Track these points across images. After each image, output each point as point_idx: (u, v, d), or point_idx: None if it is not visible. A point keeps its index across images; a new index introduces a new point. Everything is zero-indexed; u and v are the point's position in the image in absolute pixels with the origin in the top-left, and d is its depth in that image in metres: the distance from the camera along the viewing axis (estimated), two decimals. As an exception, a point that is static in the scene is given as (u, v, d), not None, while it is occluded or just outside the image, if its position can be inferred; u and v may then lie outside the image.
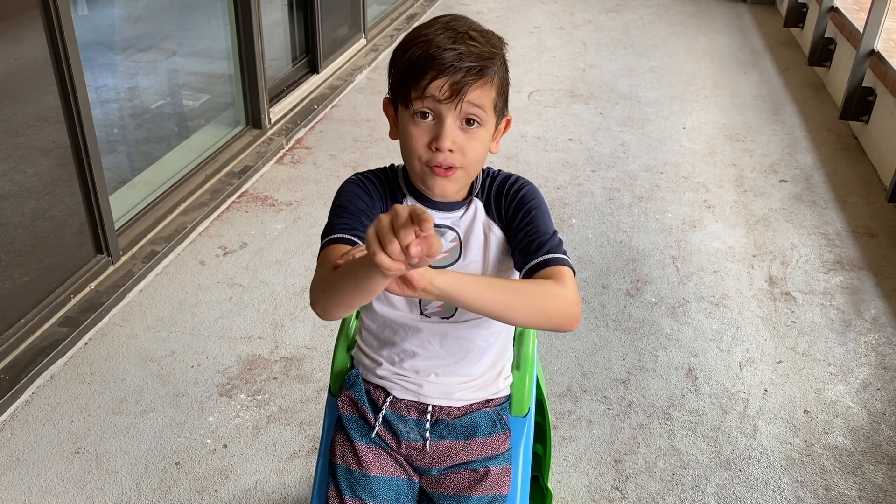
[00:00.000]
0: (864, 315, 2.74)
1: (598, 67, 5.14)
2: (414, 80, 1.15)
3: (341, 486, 1.36)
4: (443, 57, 1.13)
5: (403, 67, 1.17)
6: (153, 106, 3.66)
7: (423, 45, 1.15)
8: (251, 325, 2.60)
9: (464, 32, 1.16)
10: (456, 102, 1.15)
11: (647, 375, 2.43)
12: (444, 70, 1.13)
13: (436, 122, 1.17)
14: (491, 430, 1.37)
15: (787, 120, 4.36)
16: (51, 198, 2.48)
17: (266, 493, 2.01)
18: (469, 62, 1.14)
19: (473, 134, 1.18)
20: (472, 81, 1.14)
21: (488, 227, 1.28)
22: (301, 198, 3.40)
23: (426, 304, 1.29)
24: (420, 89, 1.15)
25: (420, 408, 1.35)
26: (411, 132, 1.19)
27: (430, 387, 1.34)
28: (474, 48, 1.15)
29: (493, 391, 1.39)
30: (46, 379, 2.34)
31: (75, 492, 1.99)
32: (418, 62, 1.15)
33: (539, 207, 1.27)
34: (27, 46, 2.34)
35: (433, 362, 1.33)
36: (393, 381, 1.35)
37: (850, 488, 2.07)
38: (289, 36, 4.42)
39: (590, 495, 2.02)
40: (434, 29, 1.17)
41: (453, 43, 1.14)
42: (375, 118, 4.25)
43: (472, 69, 1.14)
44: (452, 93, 1.14)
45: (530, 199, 1.27)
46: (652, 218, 3.33)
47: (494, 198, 1.29)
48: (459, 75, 1.13)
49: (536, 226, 1.25)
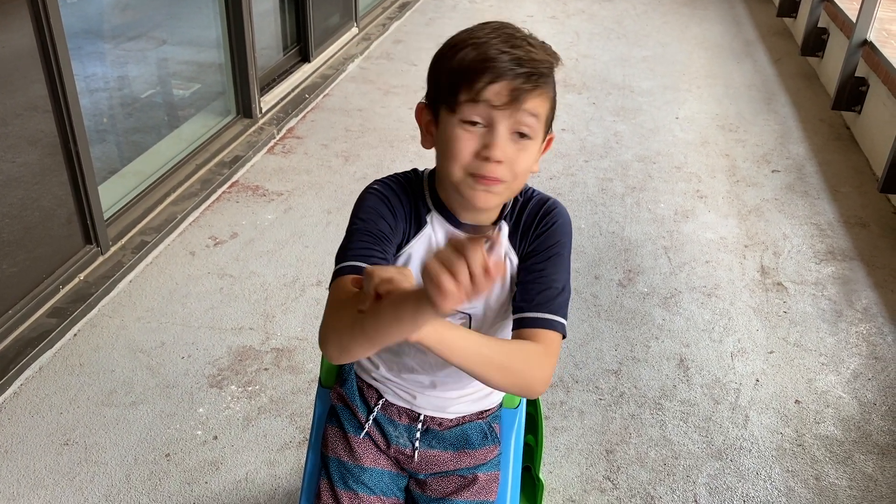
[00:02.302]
0: (856, 305, 2.74)
1: (591, 57, 5.12)
2: (467, 83, 1.06)
3: (333, 477, 1.35)
4: (502, 60, 1.05)
5: (454, 70, 1.08)
6: (143, 95, 3.62)
7: (479, 48, 1.07)
8: (242, 316, 2.59)
9: (521, 38, 1.09)
10: (512, 110, 1.06)
11: (639, 366, 2.43)
12: (502, 74, 1.04)
13: (487, 130, 1.07)
14: (481, 443, 1.35)
15: (779, 110, 4.36)
16: (39, 188, 2.46)
17: (257, 484, 2.00)
18: (529, 67, 1.05)
19: (524, 147, 1.09)
20: (530, 89, 1.06)
21: (507, 255, 1.20)
22: (292, 188, 3.38)
23: None
24: (474, 93, 1.05)
25: (412, 415, 1.34)
26: (458, 138, 1.08)
27: (424, 399, 1.32)
28: (534, 54, 1.07)
29: (487, 403, 1.37)
30: (35, 370, 2.33)
31: (64, 484, 1.98)
32: (473, 64, 1.06)
33: (561, 254, 1.19)
34: (13, 34, 2.31)
35: (432, 377, 1.30)
36: (387, 386, 1.33)
37: (841, 478, 2.07)
38: (280, 25, 4.39)
39: (581, 485, 2.02)
40: (486, 32, 1.09)
41: (512, 47, 1.06)
42: (367, 108, 4.22)
43: (532, 76, 1.06)
44: (511, 99, 1.05)
45: (557, 239, 1.19)
46: (644, 208, 3.32)
47: (524, 225, 1.20)
48: (519, 81, 1.05)
49: (550, 274, 1.16)
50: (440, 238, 1.20)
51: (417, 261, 1.19)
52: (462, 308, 1.15)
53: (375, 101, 4.32)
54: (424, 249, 1.20)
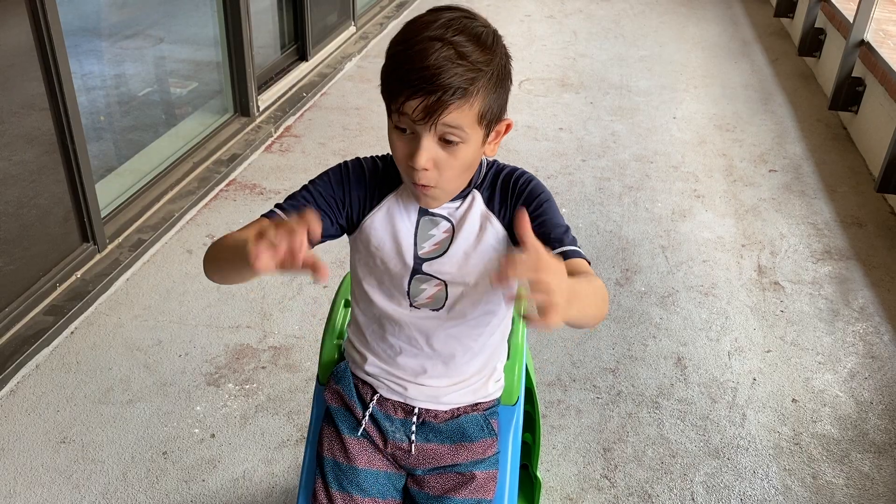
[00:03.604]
0: (853, 304, 2.75)
1: (589, 57, 5.12)
2: (391, 96, 1.09)
3: (328, 478, 1.35)
4: (417, 77, 1.04)
5: (383, 79, 1.11)
6: (140, 93, 3.62)
7: (400, 60, 1.07)
8: (239, 314, 2.58)
9: (450, 43, 1.05)
10: (429, 125, 1.07)
11: (637, 364, 2.43)
12: (416, 91, 1.04)
13: (414, 136, 1.10)
14: (478, 436, 1.35)
15: (776, 110, 4.36)
16: (36, 186, 2.45)
17: (254, 482, 2.00)
18: (445, 81, 1.03)
19: (455, 150, 1.10)
20: (449, 103, 1.05)
21: (486, 219, 1.23)
22: (290, 186, 3.38)
23: (415, 295, 1.26)
24: (396, 105, 1.08)
25: (406, 408, 1.33)
26: (393, 142, 1.14)
27: (416, 389, 1.32)
28: (458, 66, 1.04)
29: (483, 395, 1.36)
30: (32, 368, 2.32)
31: (61, 482, 1.98)
32: (392, 78, 1.08)
33: (549, 200, 1.23)
34: (11, 32, 2.31)
35: (420, 360, 1.30)
36: (380, 380, 1.33)
37: (838, 476, 2.08)
38: (277, 23, 4.38)
39: (579, 484, 2.03)
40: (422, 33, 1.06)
41: (435, 58, 1.04)
42: (365, 106, 4.22)
43: (448, 91, 1.04)
44: (426, 115, 1.05)
45: (539, 192, 1.23)
46: (642, 207, 3.32)
47: (500, 191, 1.23)
48: (434, 98, 1.04)
49: (549, 218, 1.21)
50: (407, 203, 1.24)
51: (379, 227, 1.24)
52: (439, 275, 1.23)
53: (373, 99, 4.31)
54: (384, 218, 1.25)
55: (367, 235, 1.25)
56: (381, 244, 1.24)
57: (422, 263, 1.24)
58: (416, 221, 1.23)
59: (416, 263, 1.24)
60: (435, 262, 1.23)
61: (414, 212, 1.24)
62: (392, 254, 1.24)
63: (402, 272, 1.24)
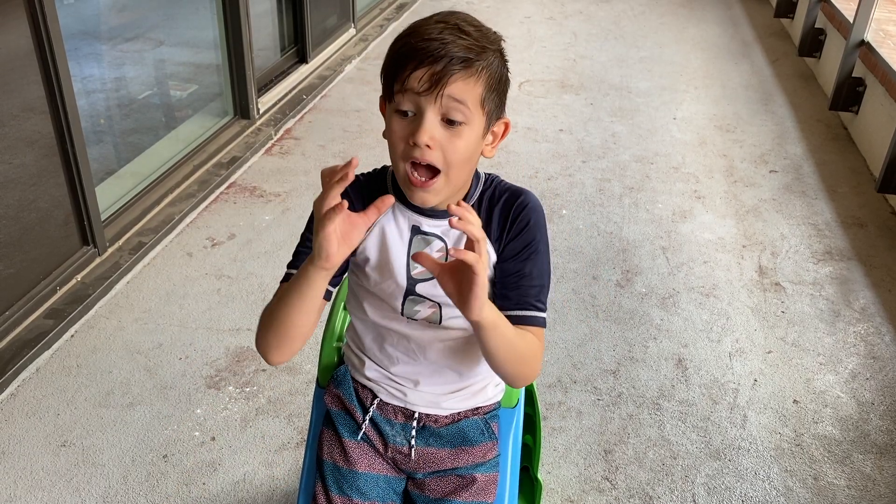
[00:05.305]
0: (854, 305, 2.75)
1: (589, 58, 5.12)
2: (396, 73, 1.09)
3: (328, 482, 1.34)
4: (425, 47, 1.06)
5: (387, 63, 1.12)
6: (140, 96, 3.62)
7: (409, 38, 1.09)
8: (239, 317, 2.58)
9: (454, 24, 1.09)
10: (435, 95, 1.06)
11: (637, 366, 2.43)
12: (424, 60, 1.06)
13: (416, 117, 1.09)
14: (479, 440, 1.34)
15: (777, 110, 4.36)
16: (36, 189, 2.45)
17: (254, 485, 1.99)
18: (451, 51, 1.06)
19: (457, 132, 1.09)
20: (454, 72, 1.06)
21: None
22: (290, 189, 3.38)
23: (410, 315, 1.24)
24: (401, 82, 1.08)
25: (407, 413, 1.33)
26: (392, 127, 1.11)
27: (416, 395, 1.31)
28: (462, 40, 1.07)
29: (483, 399, 1.36)
30: (32, 372, 2.32)
31: (62, 485, 1.98)
32: (400, 53, 1.09)
33: (538, 250, 1.20)
34: (11, 35, 2.31)
35: (418, 369, 1.30)
36: (380, 385, 1.33)
37: (839, 477, 2.07)
38: (277, 25, 4.39)
39: (580, 486, 2.02)
40: (425, 21, 1.11)
41: (440, 33, 1.07)
42: (365, 108, 4.22)
43: (455, 59, 1.06)
44: (431, 84, 1.06)
45: (533, 237, 1.19)
46: (642, 208, 3.32)
47: (498, 214, 1.20)
48: (440, 66, 1.05)
49: (532, 270, 1.18)
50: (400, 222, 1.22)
51: (372, 248, 1.23)
52: (433, 297, 1.21)
53: (373, 102, 4.31)
54: (376, 238, 1.23)
55: (361, 257, 1.24)
56: (374, 265, 1.23)
57: (415, 284, 1.22)
58: (408, 241, 1.21)
59: (410, 284, 1.22)
60: (428, 283, 1.21)
61: (406, 230, 1.21)
62: (385, 275, 1.23)
63: (395, 292, 1.23)
